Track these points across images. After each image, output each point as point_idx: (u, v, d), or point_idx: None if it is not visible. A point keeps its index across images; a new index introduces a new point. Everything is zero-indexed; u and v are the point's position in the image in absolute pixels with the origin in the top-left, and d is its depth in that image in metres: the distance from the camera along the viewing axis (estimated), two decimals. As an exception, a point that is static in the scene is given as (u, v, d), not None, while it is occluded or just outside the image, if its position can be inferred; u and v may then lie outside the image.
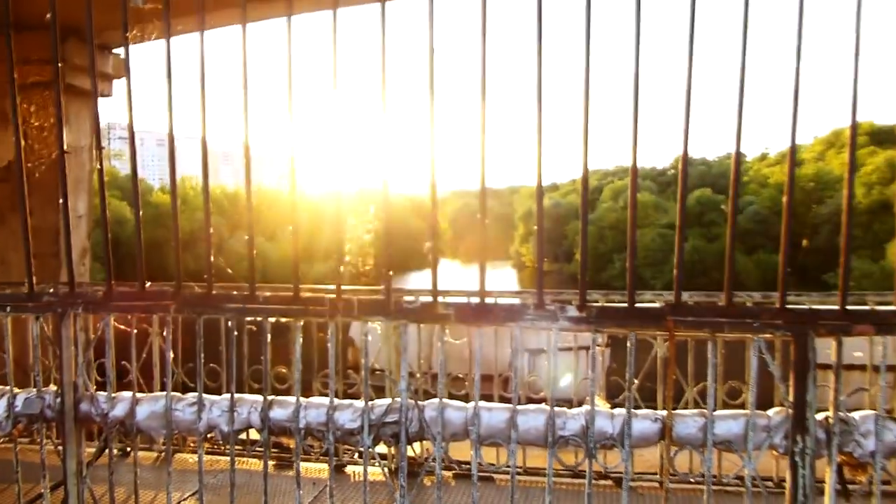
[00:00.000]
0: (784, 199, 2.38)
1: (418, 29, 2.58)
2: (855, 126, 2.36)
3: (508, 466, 2.66)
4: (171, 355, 2.90)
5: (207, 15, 2.84)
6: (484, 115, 2.53)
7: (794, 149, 2.34)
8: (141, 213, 2.84)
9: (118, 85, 6.60)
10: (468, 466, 4.09)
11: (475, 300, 2.65)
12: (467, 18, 2.64)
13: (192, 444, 3.89)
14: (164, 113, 2.73)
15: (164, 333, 2.88)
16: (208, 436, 2.89)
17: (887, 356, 2.74)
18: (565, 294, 4.36)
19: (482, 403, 2.68)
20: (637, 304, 2.48)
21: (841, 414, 2.42)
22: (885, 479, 2.47)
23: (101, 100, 5.80)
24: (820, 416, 2.43)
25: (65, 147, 2.87)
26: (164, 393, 2.90)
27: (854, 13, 2.24)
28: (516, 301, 4.27)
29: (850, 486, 2.58)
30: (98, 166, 2.84)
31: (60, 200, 2.83)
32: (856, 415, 2.49)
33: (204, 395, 2.89)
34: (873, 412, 2.45)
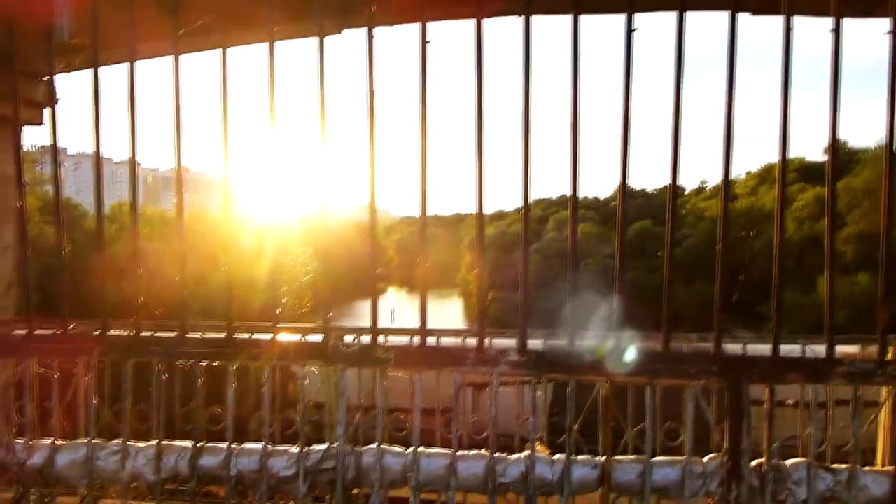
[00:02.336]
0: (718, 246, 2.43)
1: (358, 58, 2.56)
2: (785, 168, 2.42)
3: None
4: (95, 400, 2.75)
5: (139, 45, 2.78)
6: (425, 143, 2.53)
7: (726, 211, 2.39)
8: (76, 242, 2.72)
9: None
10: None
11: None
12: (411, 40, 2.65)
13: (115, 493, 3.69)
14: (95, 140, 2.66)
15: (87, 378, 2.73)
16: (132, 485, 2.75)
17: (817, 399, 2.80)
18: (508, 332, 4.33)
19: (421, 449, 2.63)
20: (577, 350, 2.49)
21: (774, 462, 2.45)
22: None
23: (33, 128, 5.60)
24: (754, 464, 2.46)
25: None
26: (86, 440, 2.75)
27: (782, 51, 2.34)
28: (458, 341, 4.24)
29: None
30: (19, 203, 2.70)
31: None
32: (788, 462, 2.52)
33: (129, 443, 2.75)
34: (806, 460, 2.50)
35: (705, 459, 2.54)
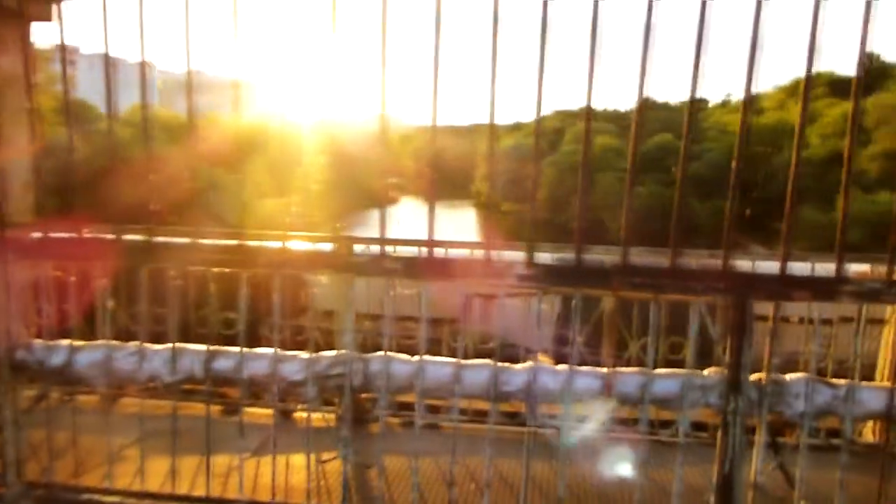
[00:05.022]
0: (733, 165, 2.38)
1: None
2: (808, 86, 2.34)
3: (452, 419, 2.70)
4: (112, 303, 2.82)
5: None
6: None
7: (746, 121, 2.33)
8: (92, 145, 2.72)
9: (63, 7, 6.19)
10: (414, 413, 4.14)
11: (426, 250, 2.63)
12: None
13: (133, 393, 3.83)
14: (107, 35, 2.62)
15: (103, 281, 2.80)
16: (149, 385, 2.86)
17: (821, 315, 2.81)
18: (518, 245, 4.33)
19: (427, 357, 2.69)
20: (584, 264, 2.49)
21: (774, 376, 2.49)
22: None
23: (41, 24, 5.47)
24: (754, 377, 2.50)
25: (2, 75, 2.74)
26: (104, 342, 2.84)
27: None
28: (467, 252, 4.26)
29: (779, 442, 2.70)
30: (28, 105, 2.69)
31: None
32: (788, 377, 2.56)
33: (145, 345, 2.84)
34: (805, 375, 2.53)
35: (706, 373, 2.58)
